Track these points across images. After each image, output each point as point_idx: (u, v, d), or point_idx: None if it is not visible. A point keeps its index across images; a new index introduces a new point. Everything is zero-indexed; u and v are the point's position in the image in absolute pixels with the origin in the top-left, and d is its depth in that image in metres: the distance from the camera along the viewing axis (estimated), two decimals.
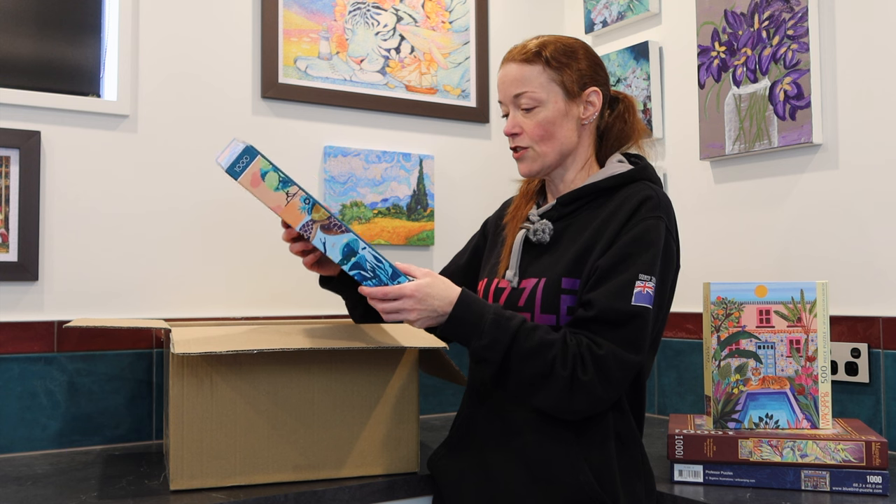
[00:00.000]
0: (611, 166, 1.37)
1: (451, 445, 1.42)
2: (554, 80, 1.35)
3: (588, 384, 1.19)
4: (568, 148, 1.37)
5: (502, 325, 1.22)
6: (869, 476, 1.30)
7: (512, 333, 1.21)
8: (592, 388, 1.20)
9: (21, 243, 1.66)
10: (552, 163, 1.37)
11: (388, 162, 2.08)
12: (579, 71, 1.36)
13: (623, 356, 1.20)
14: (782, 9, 1.79)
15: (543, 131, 1.35)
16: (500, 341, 1.21)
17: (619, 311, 1.21)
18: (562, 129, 1.36)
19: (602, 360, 1.19)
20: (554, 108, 1.35)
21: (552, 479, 1.25)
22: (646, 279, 1.23)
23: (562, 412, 1.23)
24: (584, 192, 1.35)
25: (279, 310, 1.94)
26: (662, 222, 1.27)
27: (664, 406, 2.05)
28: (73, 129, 1.74)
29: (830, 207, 1.73)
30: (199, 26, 1.89)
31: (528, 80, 1.35)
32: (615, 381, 1.21)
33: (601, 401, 1.22)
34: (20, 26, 1.74)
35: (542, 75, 1.35)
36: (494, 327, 1.21)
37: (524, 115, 1.36)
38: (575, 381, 1.20)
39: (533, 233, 1.36)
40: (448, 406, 2.12)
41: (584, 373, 1.19)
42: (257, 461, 1.35)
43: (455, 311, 1.23)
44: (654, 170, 1.39)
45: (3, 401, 1.64)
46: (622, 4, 2.19)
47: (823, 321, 1.40)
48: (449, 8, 2.21)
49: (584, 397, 1.20)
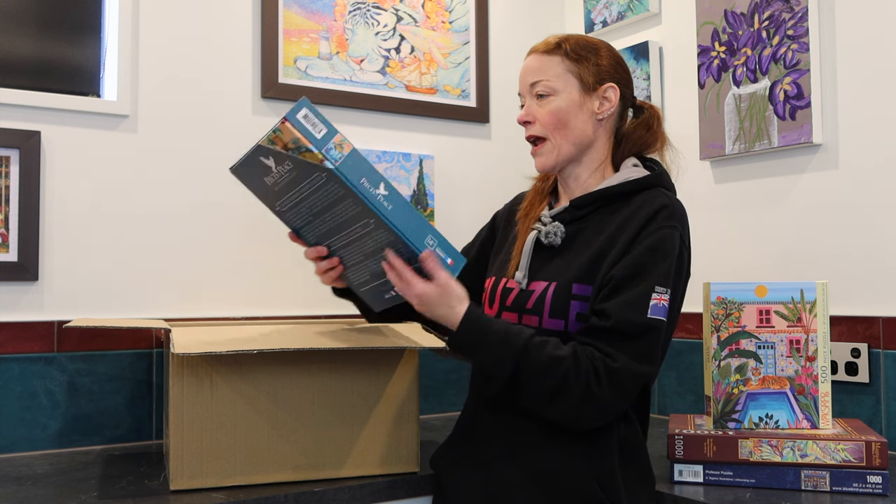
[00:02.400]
0: (626, 171, 1.36)
1: (453, 444, 1.41)
2: (570, 71, 1.35)
3: (602, 397, 1.19)
4: (583, 140, 1.36)
5: (511, 342, 1.21)
6: (869, 476, 1.30)
7: (520, 349, 1.20)
8: (606, 401, 1.19)
9: (21, 243, 1.66)
10: (568, 154, 1.36)
11: (387, 162, 2.08)
12: (598, 66, 1.35)
13: (637, 369, 1.20)
14: (782, 9, 1.79)
15: (556, 119, 1.34)
16: (507, 358, 1.20)
17: (634, 323, 1.20)
18: (575, 120, 1.35)
19: (617, 374, 1.19)
20: (568, 98, 1.34)
21: (554, 480, 1.25)
22: (661, 291, 1.22)
23: (574, 424, 1.23)
24: (597, 196, 1.34)
25: (279, 310, 1.94)
26: (677, 231, 1.27)
27: (664, 406, 2.05)
28: (73, 129, 1.74)
29: (830, 207, 1.73)
30: (199, 26, 1.89)
31: (546, 69, 1.36)
32: (629, 394, 1.21)
33: (613, 413, 1.23)
34: (20, 26, 1.74)
35: (560, 65, 1.35)
36: (502, 345, 1.21)
37: (538, 104, 1.36)
38: (589, 395, 1.19)
39: (545, 235, 1.35)
40: (448, 406, 2.12)
41: (598, 386, 1.19)
42: (257, 461, 1.35)
43: (462, 327, 1.23)
44: (670, 176, 1.38)
45: (3, 401, 1.64)
46: (622, 4, 2.19)
47: (823, 321, 1.40)
48: (449, 8, 2.21)
49: (598, 410, 1.20)
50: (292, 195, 1.24)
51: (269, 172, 1.23)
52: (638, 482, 1.28)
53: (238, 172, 1.29)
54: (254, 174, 1.26)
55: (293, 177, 1.20)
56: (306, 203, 1.23)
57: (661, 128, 1.42)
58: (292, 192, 1.23)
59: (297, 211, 1.27)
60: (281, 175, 1.21)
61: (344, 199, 1.18)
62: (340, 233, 1.25)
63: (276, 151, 1.16)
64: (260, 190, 1.30)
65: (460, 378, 2.13)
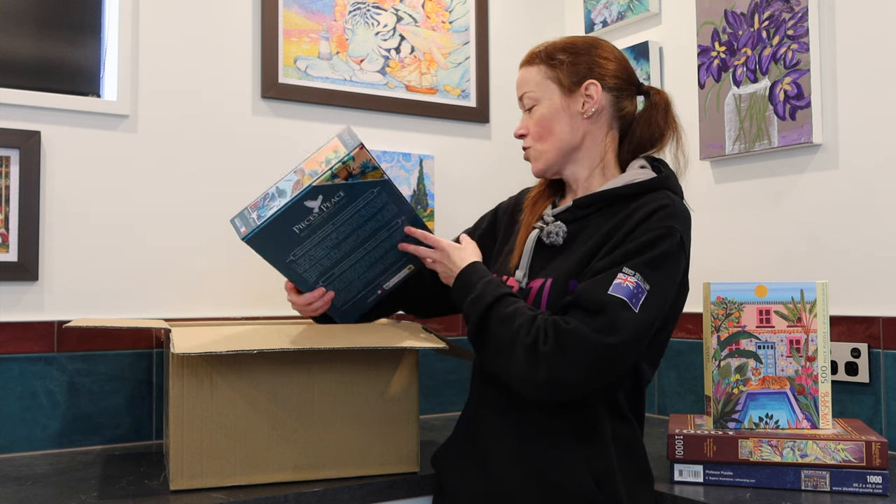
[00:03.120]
0: (631, 172, 1.35)
1: (453, 444, 1.42)
2: (549, 77, 1.37)
3: (547, 355, 1.17)
4: (568, 144, 1.36)
5: (492, 287, 1.28)
6: (869, 476, 1.30)
7: (497, 296, 1.26)
8: (552, 359, 1.17)
9: (21, 243, 1.66)
10: (554, 160, 1.37)
11: (388, 162, 2.08)
12: (575, 65, 1.36)
13: (588, 336, 1.17)
14: (782, 9, 1.79)
15: (541, 128, 1.37)
16: (484, 297, 1.27)
17: (593, 297, 1.19)
18: (559, 125, 1.36)
19: (564, 334, 1.17)
20: (549, 105, 1.36)
21: (553, 481, 1.25)
22: (629, 273, 1.20)
23: (525, 385, 1.21)
24: (600, 198, 1.33)
25: (279, 310, 1.94)
26: (677, 234, 1.24)
27: (664, 406, 2.05)
28: (73, 129, 1.74)
29: (830, 207, 1.73)
30: (200, 26, 1.89)
31: (527, 80, 1.39)
32: (575, 360, 1.16)
33: (563, 379, 1.18)
34: (20, 26, 1.74)
35: (538, 74, 1.38)
36: (485, 285, 1.29)
37: (528, 116, 1.40)
38: (536, 351, 1.18)
39: (546, 234, 1.35)
40: (448, 406, 2.12)
41: (544, 343, 1.18)
42: (257, 461, 1.35)
43: (463, 271, 1.35)
44: (677, 179, 1.36)
45: (3, 401, 1.64)
46: (622, 4, 2.19)
47: (823, 321, 1.40)
48: (449, 8, 2.21)
49: (545, 369, 1.17)
50: (325, 229, 1.31)
51: (307, 216, 1.28)
52: (637, 481, 1.28)
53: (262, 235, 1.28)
54: (281, 229, 1.28)
55: (339, 205, 1.29)
56: (342, 228, 1.33)
57: (667, 117, 1.39)
58: (327, 226, 1.31)
59: (318, 248, 1.34)
60: (322, 212, 1.28)
61: (386, 205, 1.34)
62: (366, 243, 1.38)
63: (329, 187, 1.25)
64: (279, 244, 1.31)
65: (460, 378, 2.13)
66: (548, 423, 1.27)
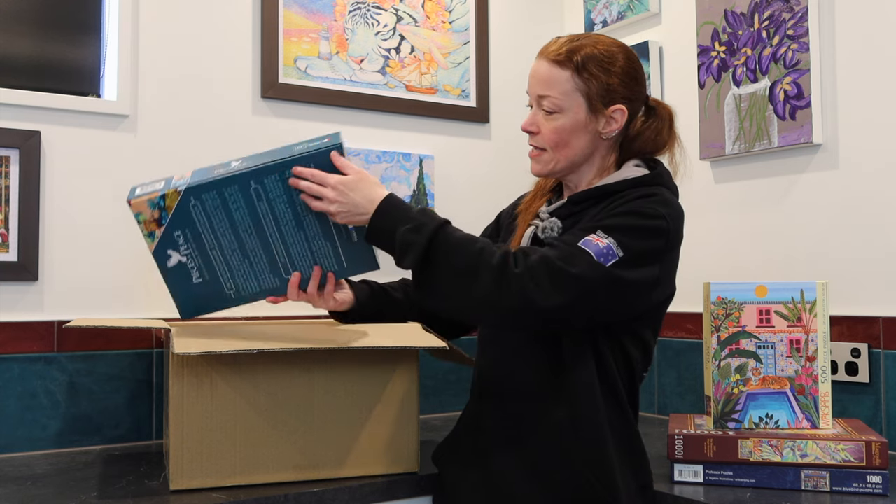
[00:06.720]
0: (626, 169, 1.35)
1: (454, 440, 1.42)
2: (579, 90, 1.31)
3: (518, 277, 1.16)
4: (581, 158, 1.36)
5: (429, 214, 1.24)
6: (869, 476, 1.30)
7: (440, 222, 1.23)
8: (523, 283, 1.16)
9: (21, 243, 1.66)
10: (562, 169, 1.37)
11: (388, 162, 2.08)
12: (608, 85, 1.31)
13: (553, 263, 1.17)
14: (782, 9, 1.79)
15: (559, 138, 1.33)
16: (426, 225, 1.22)
17: (563, 243, 1.22)
18: (578, 140, 1.34)
19: (535, 261, 1.18)
20: (573, 118, 1.32)
21: (552, 474, 1.26)
22: (602, 235, 1.21)
23: (490, 310, 1.20)
24: (594, 193, 1.34)
25: (279, 310, 1.93)
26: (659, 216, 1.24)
27: (664, 406, 2.05)
28: (73, 129, 1.74)
29: (830, 207, 1.73)
30: (199, 26, 1.89)
31: (554, 84, 1.32)
32: (545, 286, 1.16)
33: (533, 305, 1.16)
34: (20, 26, 1.74)
35: (569, 83, 1.31)
36: (421, 213, 1.24)
37: (544, 117, 1.34)
38: (506, 272, 1.17)
39: (542, 230, 1.36)
40: (448, 406, 2.12)
41: (516, 266, 1.18)
42: (257, 461, 1.35)
43: (381, 206, 1.25)
44: (671, 176, 1.37)
45: (3, 401, 1.64)
46: (622, 4, 2.19)
47: (823, 321, 1.40)
48: (449, 8, 2.21)
49: (515, 293, 1.16)
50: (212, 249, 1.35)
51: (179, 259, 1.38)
52: (635, 473, 1.29)
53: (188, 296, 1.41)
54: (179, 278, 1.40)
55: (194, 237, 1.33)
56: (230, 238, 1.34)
57: (671, 131, 1.39)
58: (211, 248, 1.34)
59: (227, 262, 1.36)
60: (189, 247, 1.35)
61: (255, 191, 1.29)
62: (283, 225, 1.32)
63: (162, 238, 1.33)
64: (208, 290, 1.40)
65: (460, 378, 2.13)
66: (546, 417, 1.27)
